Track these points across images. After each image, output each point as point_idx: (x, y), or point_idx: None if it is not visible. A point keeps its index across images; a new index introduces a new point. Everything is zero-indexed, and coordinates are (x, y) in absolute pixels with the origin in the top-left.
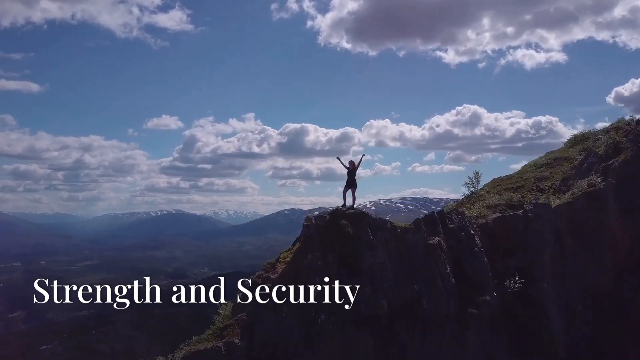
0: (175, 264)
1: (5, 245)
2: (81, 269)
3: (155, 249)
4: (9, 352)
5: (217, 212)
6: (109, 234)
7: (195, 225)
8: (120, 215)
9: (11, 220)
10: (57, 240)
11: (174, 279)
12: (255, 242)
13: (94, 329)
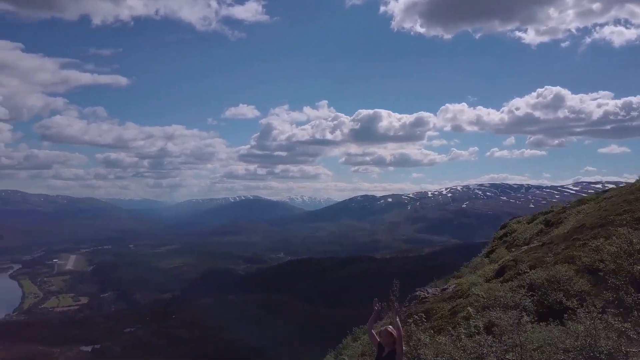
0: (252, 249)
1: (98, 229)
2: (165, 252)
3: (233, 234)
4: (97, 333)
5: (292, 198)
6: (190, 220)
7: (271, 211)
8: (200, 201)
9: (103, 205)
10: (143, 225)
11: (251, 263)
12: (329, 227)
13: (174, 314)
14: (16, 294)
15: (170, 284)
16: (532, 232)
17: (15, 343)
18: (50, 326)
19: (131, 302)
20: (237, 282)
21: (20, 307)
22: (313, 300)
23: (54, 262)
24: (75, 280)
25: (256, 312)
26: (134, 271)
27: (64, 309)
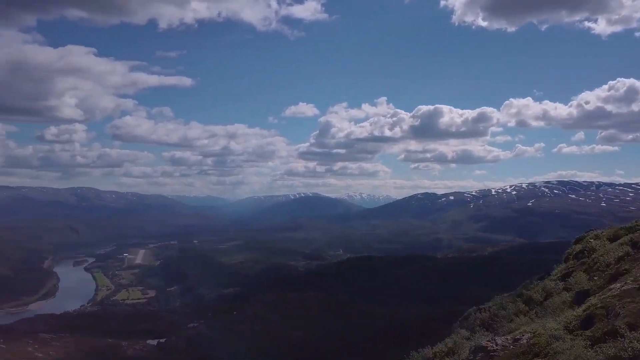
0: (312, 246)
1: (165, 224)
2: (228, 248)
3: (293, 231)
4: (162, 327)
5: (351, 195)
6: (251, 216)
7: (330, 208)
8: (262, 198)
9: (169, 202)
10: (207, 221)
11: (310, 260)
12: (388, 225)
13: (235, 310)
14: (90, 286)
15: (232, 280)
16: (616, 254)
17: (87, 335)
18: (119, 319)
19: (195, 296)
20: (297, 278)
21: (94, 298)
22: (372, 299)
23: (124, 256)
24: (144, 274)
25: (316, 309)
26: (198, 266)
27: (133, 301)
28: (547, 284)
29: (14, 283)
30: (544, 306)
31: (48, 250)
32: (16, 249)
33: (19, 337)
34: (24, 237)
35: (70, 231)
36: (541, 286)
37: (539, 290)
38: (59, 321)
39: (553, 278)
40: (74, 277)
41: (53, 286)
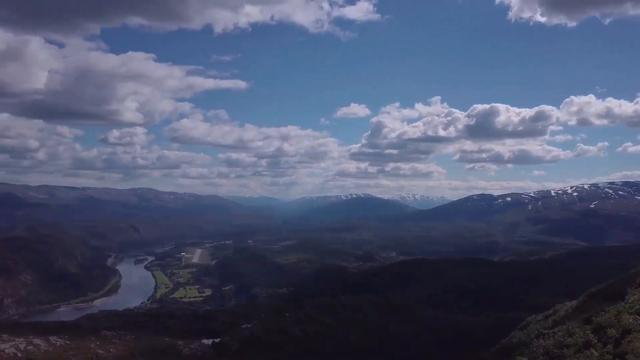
0: (364, 247)
1: (221, 224)
2: (281, 248)
3: (345, 231)
4: (217, 327)
5: (403, 196)
6: (304, 216)
7: (382, 209)
8: (314, 198)
9: (225, 202)
10: (261, 221)
11: (363, 261)
12: (442, 227)
13: (288, 312)
14: (150, 284)
15: (286, 279)
16: None
17: (146, 333)
18: (175, 318)
19: (250, 295)
20: (350, 279)
21: (153, 296)
22: (426, 302)
23: (182, 255)
24: (201, 273)
25: (369, 312)
26: (252, 266)
27: (190, 299)
28: (624, 317)
29: (81, 280)
30: (621, 349)
31: (111, 248)
32: (82, 247)
33: (82, 334)
34: (90, 235)
35: (132, 230)
36: (614, 313)
37: (613, 321)
38: (120, 319)
39: (629, 308)
40: (135, 274)
41: (116, 283)
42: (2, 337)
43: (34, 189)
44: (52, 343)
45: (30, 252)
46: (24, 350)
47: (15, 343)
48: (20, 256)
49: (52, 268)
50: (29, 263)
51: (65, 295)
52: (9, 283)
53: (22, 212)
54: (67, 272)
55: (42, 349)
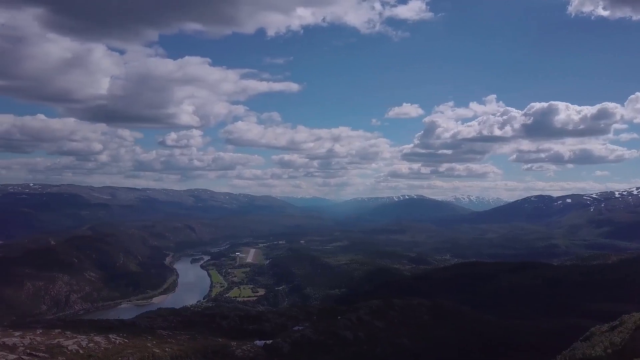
0: (417, 249)
1: (274, 224)
2: (333, 249)
3: (398, 233)
4: (269, 329)
5: (458, 197)
6: (356, 217)
7: (436, 211)
8: (366, 199)
9: (278, 203)
10: (313, 222)
11: (415, 264)
12: (498, 230)
13: (339, 314)
14: (206, 283)
15: (338, 281)
16: None
17: (200, 333)
18: (229, 319)
19: (302, 296)
20: (402, 282)
21: (208, 295)
22: (482, 307)
23: (236, 255)
24: (254, 273)
25: (420, 316)
26: (305, 266)
27: (244, 299)
28: None
29: (140, 278)
30: None
31: (169, 247)
32: (142, 246)
33: (140, 332)
34: (149, 235)
35: (189, 230)
36: None
37: None
38: (176, 318)
39: None
40: (192, 273)
41: (173, 282)
42: (65, 334)
43: (97, 190)
44: (111, 341)
45: (94, 251)
46: (85, 348)
47: (77, 340)
48: (85, 254)
49: (114, 266)
50: (93, 261)
51: (126, 293)
52: (75, 280)
53: (87, 212)
54: (128, 270)
55: (102, 346)
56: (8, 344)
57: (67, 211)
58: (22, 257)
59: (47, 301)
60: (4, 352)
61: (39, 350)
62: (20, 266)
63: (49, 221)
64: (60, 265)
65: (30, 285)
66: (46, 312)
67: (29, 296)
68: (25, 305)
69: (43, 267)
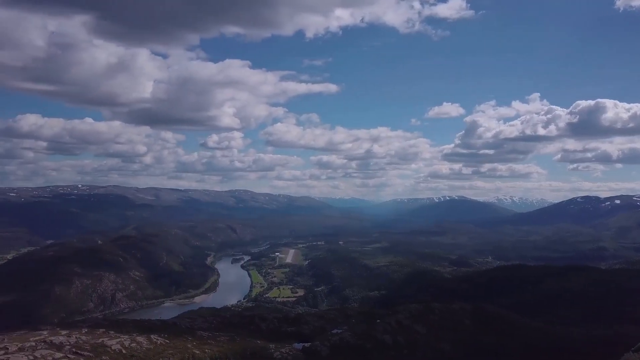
0: (458, 251)
1: (313, 225)
2: (372, 250)
3: (438, 235)
4: (307, 331)
5: (500, 198)
6: (395, 219)
7: (478, 212)
8: (405, 200)
9: (317, 204)
10: (352, 223)
11: (457, 266)
12: (543, 231)
13: (379, 318)
14: (246, 283)
15: (377, 282)
16: None
17: (239, 335)
18: (268, 320)
19: (341, 297)
20: (442, 285)
21: (248, 294)
22: (526, 313)
23: (276, 255)
24: (294, 273)
25: (461, 321)
26: (344, 267)
27: (283, 299)
28: None
29: (183, 277)
30: None
31: (210, 247)
32: (184, 246)
33: (181, 333)
34: (191, 235)
35: (229, 230)
36: None
37: None
38: (215, 318)
39: None
40: (232, 273)
41: (214, 281)
42: (109, 334)
43: (141, 191)
44: (153, 341)
45: (138, 250)
46: (128, 348)
47: (120, 340)
48: (130, 254)
49: (158, 266)
50: (137, 260)
51: (169, 292)
52: (120, 278)
53: (132, 213)
54: (171, 269)
55: (144, 346)
56: (55, 343)
57: (113, 211)
58: (71, 256)
59: (94, 299)
60: (51, 350)
61: (84, 349)
62: (70, 265)
63: (96, 221)
64: (106, 264)
65: (79, 283)
66: (93, 310)
67: (77, 294)
68: (73, 303)
69: (90, 266)
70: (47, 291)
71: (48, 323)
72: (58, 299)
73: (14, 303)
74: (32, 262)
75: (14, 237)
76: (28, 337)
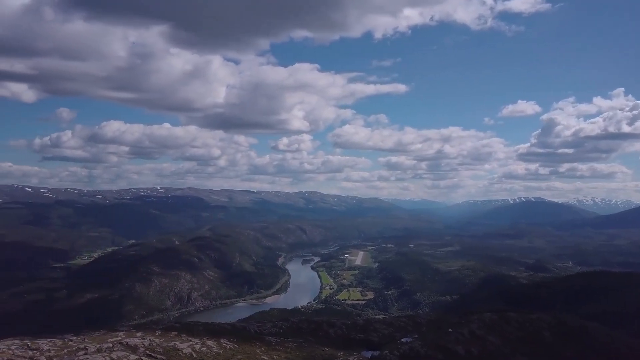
0: (535, 255)
1: (382, 227)
2: (443, 254)
3: (514, 238)
4: (376, 339)
5: (581, 200)
6: (467, 221)
7: (556, 214)
8: (478, 202)
9: (386, 205)
10: (422, 225)
11: (533, 271)
12: (628, 235)
13: (450, 327)
14: (316, 284)
15: (448, 287)
16: None
17: (307, 341)
18: (336, 327)
19: (411, 301)
20: (519, 291)
21: (318, 296)
22: (611, 324)
23: (345, 257)
24: (363, 276)
25: (540, 332)
26: (414, 271)
27: (353, 301)
28: None
29: (255, 277)
30: None
31: (281, 248)
32: (256, 247)
33: (249, 338)
34: (263, 236)
35: (300, 231)
36: None
37: None
38: (284, 323)
39: None
40: (303, 274)
41: (285, 282)
42: (181, 337)
43: (216, 193)
44: (222, 345)
45: (213, 251)
46: (199, 352)
47: (191, 344)
48: (204, 254)
49: (231, 266)
50: (212, 260)
51: (241, 292)
52: (196, 278)
53: (207, 214)
54: (243, 270)
55: (214, 351)
56: (131, 345)
57: (189, 213)
58: (151, 255)
59: (171, 297)
60: (127, 352)
61: (157, 352)
62: (149, 264)
63: (174, 222)
64: (183, 264)
65: (157, 282)
66: (170, 308)
67: (156, 292)
68: (153, 301)
69: (168, 266)
70: (129, 289)
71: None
72: (139, 297)
73: (101, 299)
74: (116, 261)
75: (100, 237)
76: (106, 338)
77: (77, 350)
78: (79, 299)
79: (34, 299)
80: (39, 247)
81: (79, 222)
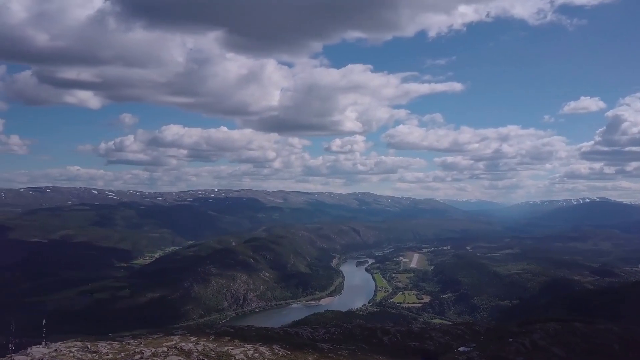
0: (601, 259)
1: (438, 229)
2: (502, 256)
3: (577, 240)
4: (431, 348)
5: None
6: (528, 222)
7: (623, 215)
8: (539, 203)
9: (441, 206)
10: (479, 227)
11: (600, 276)
12: None
13: (510, 336)
14: (370, 286)
15: (508, 292)
16: None
17: (360, 349)
18: (390, 334)
19: (469, 306)
20: (583, 297)
21: (373, 299)
22: None
23: (400, 260)
24: (418, 278)
25: (611, 345)
26: (472, 274)
27: (408, 305)
28: None
29: (310, 279)
30: None
31: (335, 250)
32: (311, 248)
33: (301, 344)
34: (317, 237)
35: (353, 233)
36: None
37: None
38: (337, 329)
39: None
40: (357, 276)
41: (340, 284)
42: (234, 342)
43: (271, 194)
44: (275, 352)
45: (268, 252)
46: (251, 357)
47: (244, 349)
48: (260, 255)
49: (286, 267)
50: (267, 261)
51: (296, 293)
52: (252, 279)
53: (262, 215)
54: (298, 271)
55: (266, 357)
56: (185, 349)
57: (245, 214)
58: (209, 256)
59: (228, 298)
60: (181, 356)
61: (210, 357)
62: (207, 265)
63: (230, 223)
64: (239, 265)
65: (215, 283)
66: (227, 309)
67: (213, 292)
68: (210, 301)
69: (225, 266)
70: (188, 289)
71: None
72: (197, 297)
73: (162, 299)
74: (175, 261)
75: (160, 238)
76: (161, 342)
77: (134, 354)
78: (140, 298)
79: (99, 298)
80: (104, 247)
81: (141, 223)
